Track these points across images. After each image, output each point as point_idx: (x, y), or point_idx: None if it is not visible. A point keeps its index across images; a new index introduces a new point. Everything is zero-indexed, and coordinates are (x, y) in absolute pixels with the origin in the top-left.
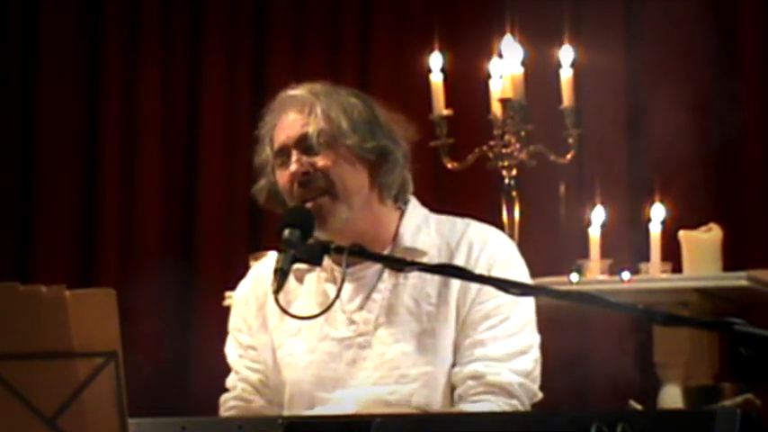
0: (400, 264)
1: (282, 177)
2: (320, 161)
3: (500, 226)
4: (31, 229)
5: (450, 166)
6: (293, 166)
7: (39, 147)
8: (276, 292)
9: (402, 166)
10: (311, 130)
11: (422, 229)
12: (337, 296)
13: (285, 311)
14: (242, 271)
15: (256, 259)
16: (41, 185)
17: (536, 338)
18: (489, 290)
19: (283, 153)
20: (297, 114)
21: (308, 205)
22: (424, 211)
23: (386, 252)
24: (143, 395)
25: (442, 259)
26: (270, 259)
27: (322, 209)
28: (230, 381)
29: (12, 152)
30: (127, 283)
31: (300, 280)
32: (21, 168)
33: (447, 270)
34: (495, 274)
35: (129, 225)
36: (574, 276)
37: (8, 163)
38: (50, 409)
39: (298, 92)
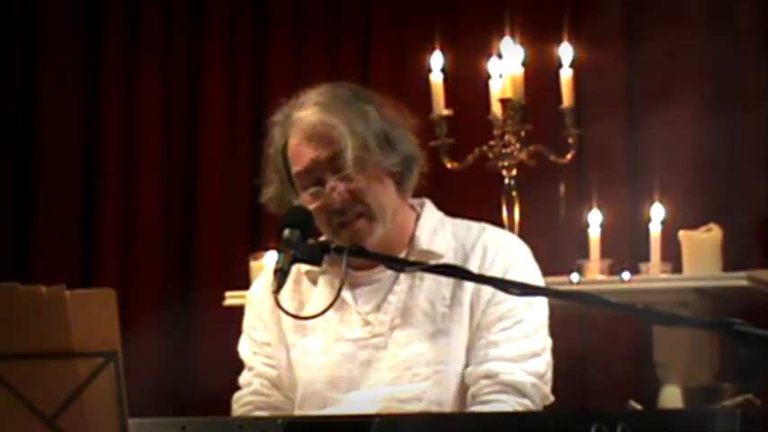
0: (401, 264)
1: (314, 203)
2: (354, 185)
3: (500, 226)
4: (30, 229)
5: (450, 166)
6: (333, 197)
7: (39, 146)
8: (276, 292)
9: (419, 164)
10: (342, 152)
11: (438, 231)
12: (338, 295)
13: (286, 312)
14: (242, 271)
15: (256, 259)
16: (41, 185)
17: (548, 342)
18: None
19: (310, 175)
20: (319, 145)
21: (346, 231)
22: (440, 214)
23: (402, 254)
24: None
25: (458, 262)
26: None
27: (361, 232)
28: (244, 378)
29: (12, 152)
30: (127, 283)
31: (314, 282)
32: (21, 168)
33: (447, 270)
34: (511, 277)
35: (129, 225)
36: (574, 276)
37: (8, 162)
38: (50, 409)
39: (314, 117)
